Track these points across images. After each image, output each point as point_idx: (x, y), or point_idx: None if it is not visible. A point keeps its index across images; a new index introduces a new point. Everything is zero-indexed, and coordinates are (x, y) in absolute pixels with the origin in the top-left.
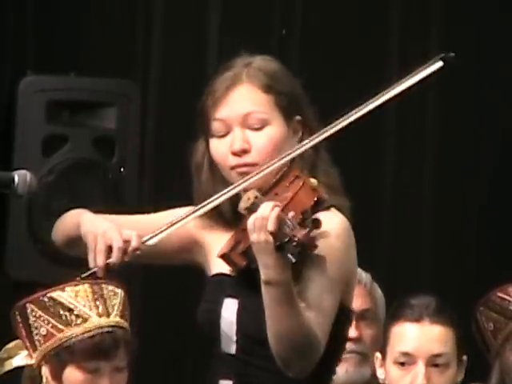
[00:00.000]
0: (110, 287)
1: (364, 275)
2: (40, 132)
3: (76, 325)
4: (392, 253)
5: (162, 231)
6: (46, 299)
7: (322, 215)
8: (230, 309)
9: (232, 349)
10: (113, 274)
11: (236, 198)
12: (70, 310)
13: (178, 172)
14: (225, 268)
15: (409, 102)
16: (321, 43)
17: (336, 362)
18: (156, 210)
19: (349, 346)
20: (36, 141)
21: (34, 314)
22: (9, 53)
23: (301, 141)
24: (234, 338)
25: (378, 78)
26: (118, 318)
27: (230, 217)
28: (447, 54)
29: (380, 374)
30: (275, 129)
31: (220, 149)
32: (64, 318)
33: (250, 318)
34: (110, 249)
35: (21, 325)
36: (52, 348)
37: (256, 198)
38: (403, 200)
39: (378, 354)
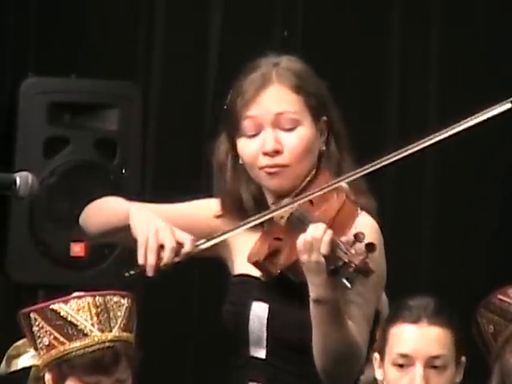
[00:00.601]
0: (116, 298)
1: None
2: (41, 134)
3: (77, 339)
4: (391, 254)
5: (215, 238)
6: (48, 311)
7: (358, 206)
8: (259, 313)
9: (262, 353)
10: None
11: (260, 196)
12: (72, 324)
13: (179, 173)
14: (251, 269)
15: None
16: (322, 43)
17: (365, 362)
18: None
19: None
20: (37, 143)
21: (37, 323)
22: (10, 55)
23: (327, 142)
24: (265, 343)
25: (379, 78)
26: (120, 332)
27: (252, 213)
28: None
29: (378, 375)
30: (306, 130)
31: (250, 148)
32: (65, 331)
33: (282, 323)
34: (161, 248)
35: (26, 331)
36: (53, 359)
37: (296, 209)
38: (403, 201)
39: (377, 355)
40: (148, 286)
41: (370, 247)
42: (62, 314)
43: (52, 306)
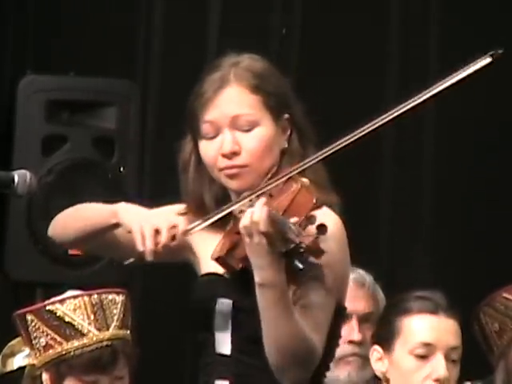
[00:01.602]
0: (110, 296)
1: (368, 278)
2: (40, 132)
3: (75, 339)
4: (390, 252)
5: (203, 222)
6: (44, 311)
7: (314, 193)
8: (223, 309)
9: (227, 349)
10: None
11: (223, 196)
12: (69, 324)
13: (177, 171)
14: (216, 268)
15: None
16: (321, 42)
17: (330, 359)
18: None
19: (352, 349)
20: (36, 141)
21: (33, 324)
22: (8, 52)
23: (289, 139)
24: (229, 339)
25: (378, 77)
26: (117, 330)
27: (225, 220)
28: (496, 51)
29: (380, 366)
30: (265, 129)
31: (209, 150)
32: (62, 331)
33: (245, 318)
34: (157, 232)
35: (22, 331)
36: (51, 359)
37: (251, 201)
38: (402, 198)
39: (378, 347)
40: (146, 283)
41: (322, 228)
42: (58, 315)
43: (48, 307)
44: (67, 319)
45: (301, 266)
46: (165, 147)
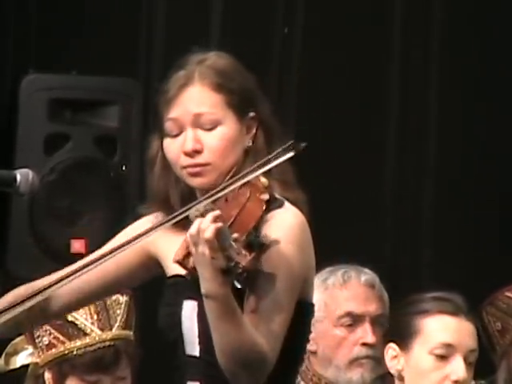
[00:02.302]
0: (114, 296)
1: (377, 279)
2: (42, 130)
3: (78, 338)
4: (393, 251)
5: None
6: None
7: (274, 213)
8: (190, 311)
9: (196, 351)
10: None
11: (188, 193)
12: (72, 324)
13: None
14: (181, 270)
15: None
16: (323, 40)
17: (300, 359)
18: None
19: (365, 351)
20: (38, 139)
21: None
22: (10, 51)
23: (255, 137)
24: (197, 340)
25: (380, 75)
26: (120, 330)
27: (179, 209)
28: (298, 144)
29: (395, 364)
30: (227, 128)
31: (172, 148)
32: (66, 330)
33: None
34: None
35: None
36: (53, 358)
37: (205, 206)
38: (404, 197)
39: (394, 345)
40: (148, 283)
41: (261, 247)
42: None
43: None
44: (70, 318)
45: (239, 285)
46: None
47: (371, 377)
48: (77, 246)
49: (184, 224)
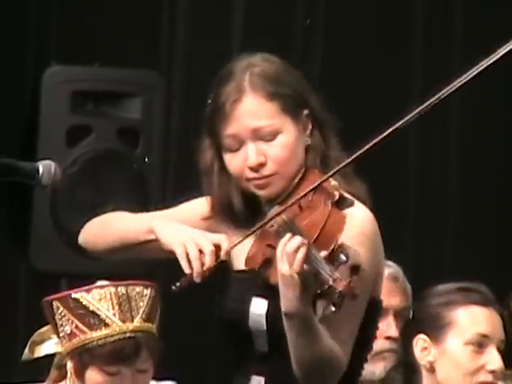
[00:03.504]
0: (138, 289)
1: (401, 272)
2: (64, 123)
3: (98, 329)
4: (415, 246)
5: (245, 237)
6: (70, 299)
7: (346, 213)
8: (259, 308)
9: (264, 347)
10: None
11: (251, 198)
12: (93, 314)
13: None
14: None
15: None
16: (345, 32)
17: (367, 354)
18: (180, 201)
19: (389, 344)
20: (60, 131)
21: (59, 311)
22: (33, 44)
23: (311, 134)
24: (266, 337)
25: (402, 67)
26: (141, 323)
27: (243, 215)
28: None
29: (425, 355)
30: (287, 135)
31: (235, 163)
32: (87, 320)
33: (281, 319)
34: (200, 253)
35: (49, 318)
36: (75, 347)
37: (283, 219)
38: (428, 192)
39: (424, 336)
40: (170, 276)
41: (355, 269)
42: (83, 303)
43: (74, 295)
44: (92, 308)
45: (333, 308)
46: (189, 138)
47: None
48: None
49: (241, 220)
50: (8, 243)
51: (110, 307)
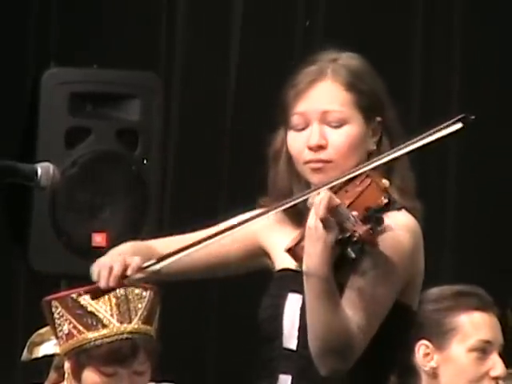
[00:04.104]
0: (137, 290)
1: None
2: (63, 124)
3: (96, 329)
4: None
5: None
6: (69, 300)
7: (391, 214)
8: (293, 304)
9: (293, 344)
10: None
11: (306, 189)
12: (92, 314)
13: (201, 164)
14: (290, 263)
15: None
16: (344, 34)
17: (392, 369)
18: (177, 202)
19: None
20: (59, 133)
21: (58, 311)
22: (32, 45)
23: (379, 142)
24: (296, 334)
25: (402, 65)
26: (139, 324)
27: (304, 214)
28: (467, 117)
29: (427, 361)
30: (354, 128)
31: (297, 142)
32: (85, 320)
33: None
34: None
35: (48, 318)
36: (72, 348)
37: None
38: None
39: (427, 342)
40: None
41: (379, 220)
42: (82, 304)
43: (73, 295)
44: (90, 309)
45: (353, 254)
46: (188, 139)
47: None
48: (98, 239)
49: (298, 219)
50: (7, 245)
51: (108, 308)
